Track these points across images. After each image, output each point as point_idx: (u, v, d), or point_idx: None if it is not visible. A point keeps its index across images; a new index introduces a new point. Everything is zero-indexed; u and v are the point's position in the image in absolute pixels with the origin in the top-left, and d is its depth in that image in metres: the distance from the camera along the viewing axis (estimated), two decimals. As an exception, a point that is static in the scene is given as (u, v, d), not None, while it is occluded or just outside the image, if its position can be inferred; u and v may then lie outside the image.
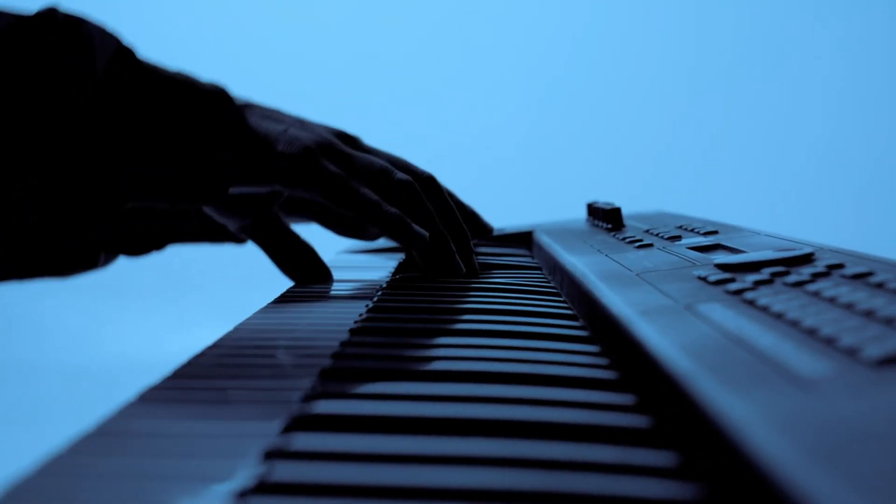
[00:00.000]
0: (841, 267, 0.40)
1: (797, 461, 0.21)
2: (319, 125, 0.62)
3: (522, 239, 0.84)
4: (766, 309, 0.35)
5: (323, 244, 0.68)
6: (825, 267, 0.40)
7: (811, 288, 0.37)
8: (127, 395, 0.34)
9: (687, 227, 0.65)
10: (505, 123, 2.20)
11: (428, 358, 0.39)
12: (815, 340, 0.30)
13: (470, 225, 0.70)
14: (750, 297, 0.37)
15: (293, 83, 2.00)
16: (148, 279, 1.95)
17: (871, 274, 0.37)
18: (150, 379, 0.36)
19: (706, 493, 0.25)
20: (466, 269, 0.63)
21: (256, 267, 0.67)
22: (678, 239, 0.59)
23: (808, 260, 0.44)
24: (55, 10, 0.50)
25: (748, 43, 2.18)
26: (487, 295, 0.55)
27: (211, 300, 1.88)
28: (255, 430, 0.30)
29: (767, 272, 0.41)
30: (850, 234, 1.62)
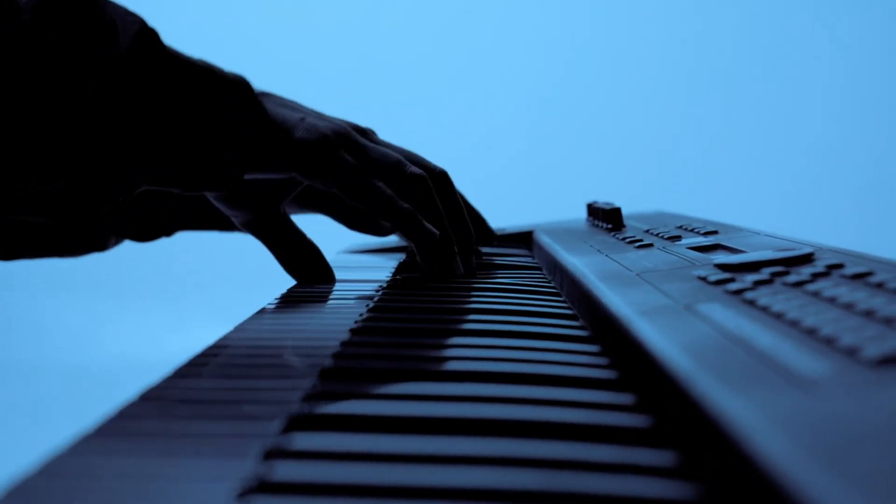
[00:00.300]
0: (841, 267, 0.40)
1: (797, 460, 0.21)
2: (336, 118, 0.62)
3: (522, 239, 0.84)
4: (765, 309, 0.35)
5: (323, 244, 0.68)
6: (825, 267, 0.40)
7: (811, 288, 0.37)
8: (127, 395, 0.34)
9: (687, 227, 0.65)
10: (505, 124, 2.20)
11: (428, 358, 0.39)
12: (814, 340, 0.30)
13: (475, 228, 0.70)
14: (750, 297, 0.37)
15: (294, 83, 2.00)
16: (148, 279, 1.95)
17: (870, 274, 0.37)
18: (150, 379, 0.36)
19: (706, 492, 0.25)
20: (465, 270, 0.63)
21: (256, 267, 0.67)
22: (678, 239, 0.59)
23: (807, 260, 0.44)
24: None
25: (748, 43, 2.18)
26: (488, 295, 0.55)
27: (211, 300, 1.88)
28: (255, 429, 0.30)
29: (767, 272, 0.41)
30: (849, 234, 1.62)
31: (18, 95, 0.46)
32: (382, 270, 0.70)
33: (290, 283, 0.64)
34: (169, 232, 0.65)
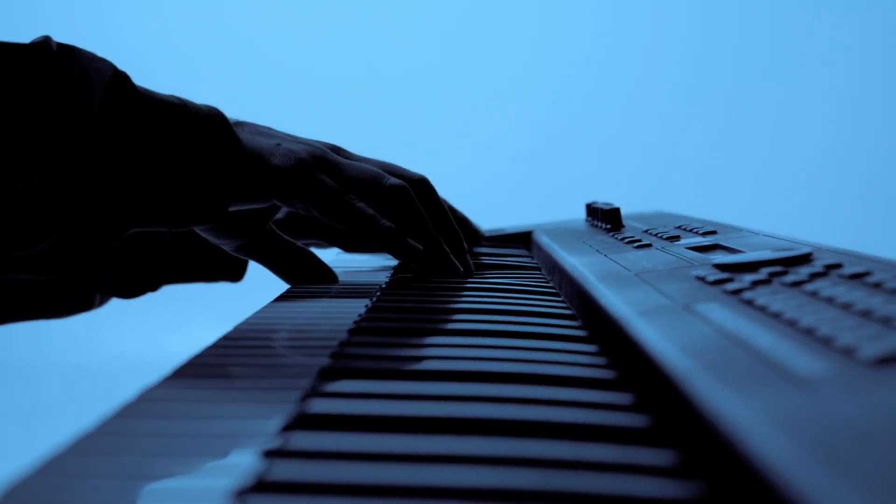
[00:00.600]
0: (839, 267, 0.40)
1: (795, 460, 0.21)
2: (310, 139, 0.62)
3: (522, 239, 0.84)
4: (764, 309, 0.35)
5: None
6: (823, 267, 0.40)
7: (809, 288, 0.37)
8: (127, 395, 0.34)
9: (686, 227, 0.65)
10: (504, 124, 2.20)
11: (427, 357, 0.39)
12: (812, 340, 0.30)
13: (461, 229, 0.70)
14: (748, 296, 0.37)
15: (296, 88, 2.01)
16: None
17: (868, 274, 0.37)
18: (150, 379, 0.36)
19: (704, 491, 0.25)
20: (463, 269, 0.63)
21: (256, 267, 0.67)
22: (677, 239, 0.59)
23: (806, 260, 0.44)
24: (49, 39, 0.51)
25: (748, 43, 2.18)
26: (487, 295, 0.55)
27: (211, 300, 1.88)
28: (254, 429, 0.30)
29: (765, 272, 0.41)
30: (849, 234, 1.62)
31: None
32: (381, 271, 0.70)
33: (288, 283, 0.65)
34: (154, 287, 0.67)
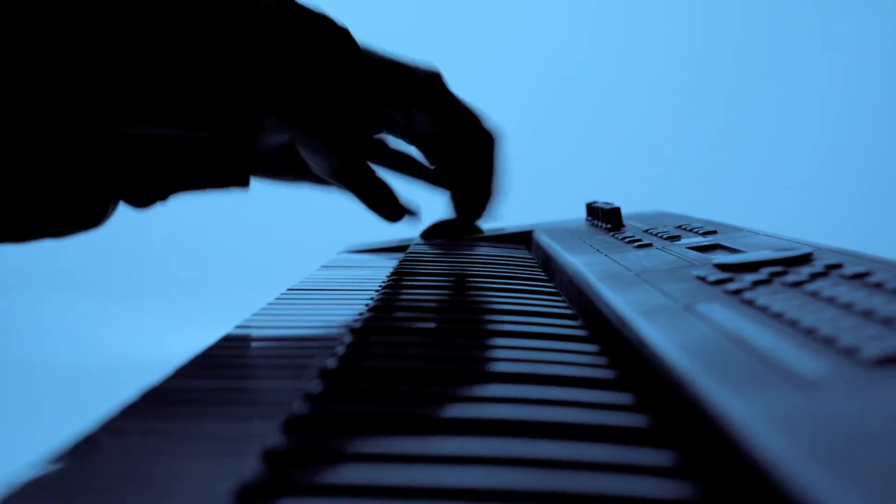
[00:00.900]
0: (839, 267, 0.40)
1: (796, 460, 0.21)
2: None
3: (522, 239, 0.84)
4: (764, 309, 0.35)
5: (323, 244, 0.68)
6: (824, 267, 0.40)
7: (810, 288, 0.37)
8: (127, 395, 0.34)
9: (686, 227, 0.65)
10: (504, 124, 2.19)
11: (428, 357, 0.39)
12: (813, 340, 0.30)
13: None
14: (749, 296, 0.37)
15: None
16: (148, 279, 1.95)
17: (869, 274, 0.37)
18: (150, 379, 0.36)
19: (704, 492, 0.25)
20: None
21: (256, 267, 0.67)
22: (677, 239, 0.59)
23: (806, 260, 0.44)
24: None
25: (748, 43, 2.18)
26: (487, 294, 0.55)
27: (211, 300, 1.88)
28: (254, 429, 0.30)
29: (766, 272, 0.41)
30: (849, 234, 1.62)
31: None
32: (382, 269, 0.70)
33: (288, 282, 0.64)
34: (164, 196, 0.64)
